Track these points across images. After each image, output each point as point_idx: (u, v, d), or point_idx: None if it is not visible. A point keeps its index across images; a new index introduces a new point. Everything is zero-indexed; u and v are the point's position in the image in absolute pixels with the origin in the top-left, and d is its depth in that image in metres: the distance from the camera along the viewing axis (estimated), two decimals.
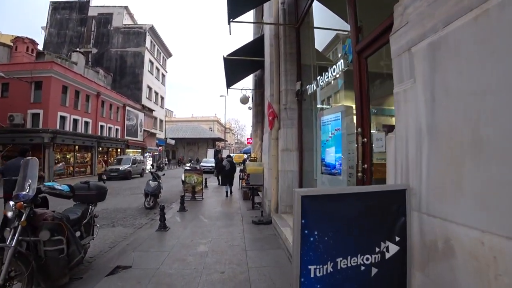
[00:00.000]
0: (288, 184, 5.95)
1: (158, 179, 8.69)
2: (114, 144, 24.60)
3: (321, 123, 5.54)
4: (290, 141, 6.06)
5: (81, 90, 20.16)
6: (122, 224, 6.29)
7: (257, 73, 12.85)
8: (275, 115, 6.28)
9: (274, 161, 6.19)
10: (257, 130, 12.45)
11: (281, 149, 6.04)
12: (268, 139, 6.67)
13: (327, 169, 5.25)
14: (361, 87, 3.37)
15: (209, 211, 7.31)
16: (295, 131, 6.12)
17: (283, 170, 5.95)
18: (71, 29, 35.53)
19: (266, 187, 6.76)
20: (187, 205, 8.15)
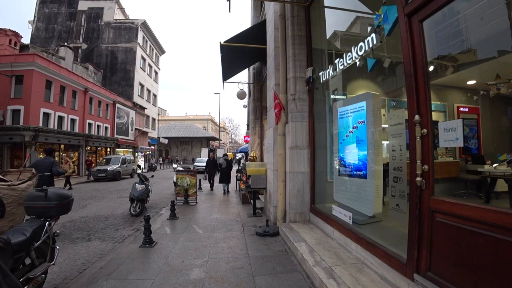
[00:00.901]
0: (298, 188, 5.03)
1: (145, 181, 7.69)
2: (103, 143, 23.38)
3: (339, 116, 4.64)
4: (300, 137, 5.14)
5: (67, 85, 18.94)
6: (100, 236, 5.29)
7: (256, 65, 11.91)
8: (282, 106, 5.35)
9: (281, 161, 5.27)
10: (256, 127, 11.52)
11: (289, 146, 5.11)
12: (272, 135, 5.74)
13: (347, 170, 4.36)
14: (415, 60, 2.45)
15: (204, 219, 6.35)
16: (306, 125, 5.21)
17: (292, 171, 5.02)
18: (60, 23, 34.28)
19: (271, 191, 5.83)
20: (179, 211, 7.18)
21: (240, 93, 11.81)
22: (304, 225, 4.85)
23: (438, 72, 2.95)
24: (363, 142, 4.01)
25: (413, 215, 2.39)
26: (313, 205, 5.04)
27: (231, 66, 10.34)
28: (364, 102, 3.99)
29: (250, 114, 12.57)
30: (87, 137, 20.75)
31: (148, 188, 7.97)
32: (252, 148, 11.41)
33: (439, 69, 2.91)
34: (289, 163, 5.04)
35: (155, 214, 7.30)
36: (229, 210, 7.33)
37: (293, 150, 5.05)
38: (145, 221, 4.50)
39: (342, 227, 3.84)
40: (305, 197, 5.06)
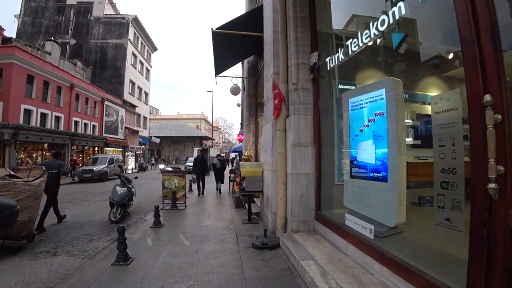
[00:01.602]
0: (301, 192, 4.32)
1: (128, 183, 6.89)
2: (90, 142, 22.34)
3: (350, 107, 3.93)
4: (304, 133, 4.43)
5: (51, 80, 17.90)
6: (69, 250, 4.49)
7: (250, 59, 11.18)
8: (282, 97, 4.63)
9: (281, 160, 4.55)
10: (250, 125, 10.78)
11: (291, 143, 4.39)
12: (271, 131, 5.01)
13: (361, 171, 3.66)
14: (476, 20, 1.76)
15: (193, 226, 5.59)
16: (310, 119, 4.50)
17: (295, 172, 4.30)
18: (47, 18, 33.09)
19: (269, 196, 5.11)
20: (165, 216, 6.42)
21: (233, 88, 11.06)
22: (309, 235, 4.14)
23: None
24: (381, 138, 3.33)
25: (477, 235, 1.69)
26: (319, 212, 4.34)
27: (224, 58, 9.58)
28: (383, 89, 3.31)
29: (244, 111, 11.82)
30: (73, 135, 19.72)
31: (132, 191, 7.17)
32: (246, 147, 10.67)
33: None
34: (291, 163, 4.32)
35: (139, 220, 6.52)
36: (221, 216, 6.58)
37: (295, 148, 4.34)
38: (119, 233, 3.72)
39: (359, 241, 3.14)
40: (309, 203, 4.35)
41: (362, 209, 3.47)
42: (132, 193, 7.17)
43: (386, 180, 3.20)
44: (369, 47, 3.89)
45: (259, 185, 5.59)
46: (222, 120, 76.07)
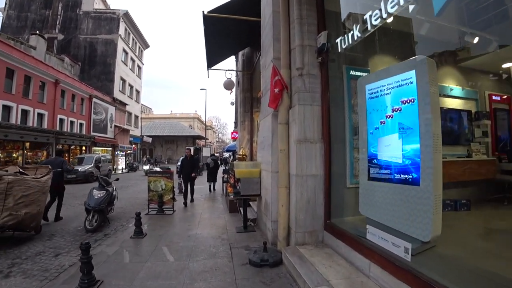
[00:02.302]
0: (308, 197, 3.61)
1: (107, 186, 6.10)
2: (77, 141, 21.28)
3: (368, 95, 3.23)
4: (310, 126, 3.73)
5: (34, 75, 16.84)
6: (27, 269, 3.69)
7: (245, 51, 10.45)
8: (285, 85, 3.92)
9: (283, 159, 3.84)
10: (245, 121, 10.06)
11: (295, 139, 3.69)
12: (270, 125, 4.30)
13: (382, 172, 2.98)
14: None
15: (180, 236, 4.85)
16: (318, 110, 3.81)
17: (300, 174, 3.60)
18: (34, 11, 31.75)
19: (268, 201, 4.39)
20: (150, 223, 5.67)
21: (227, 82, 10.31)
22: (318, 250, 3.44)
23: None
24: (411, 131, 2.66)
25: None
26: (329, 220, 3.64)
27: (217, 49, 8.84)
28: (412, 71, 2.65)
29: (239, 106, 11.09)
30: (58, 134, 18.67)
31: (113, 194, 6.39)
32: (241, 145, 9.94)
33: None
34: (296, 162, 3.61)
35: (119, 228, 5.74)
36: (213, 222, 5.85)
37: (300, 144, 3.63)
38: (83, 251, 2.96)
39: (388, 262, 2.45)
40: (317, 210, 3.65)
41: (385, 218, 2.81)
42: (113, 197, 6.37)
43: (417, 183, 2.54)
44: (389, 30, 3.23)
45: (256, 188, 4.87)
46: (216, 120, 75.07)
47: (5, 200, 4.22)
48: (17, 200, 4.33)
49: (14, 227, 4.42)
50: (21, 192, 4.42)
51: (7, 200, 4.24)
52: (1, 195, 4.19)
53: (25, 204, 4.43)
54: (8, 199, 4.23)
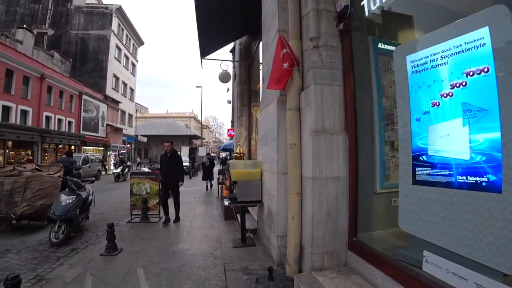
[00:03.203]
0: (328, 206, 2.70)
1: (79, 189, 5.14)
2: (65, 140, 20.17)
3: (411, 69, 2.23)
4: (331, 113, 2.82)
5: (16, 69, 15.76)
6: None
7: (243, 40, 9.53)
8: (295, 60, 3.00)
9: (294, 156, 2.92)
10: (242, 117, 9.14)
11: (311, 129, 2.77)
12: (275, 113, 3.38)
13: (437, 174, 2.01)
14: None
15: (163, 253, 3.92)
16: (340, 91, 2.89)
17: (318, 176, 2.68)
18: (23, 6, 30.58)
19: (272, 210, 3.47)
20: (129, 234, 4.76)
21: (223, 74, 9.37)
22: (342, 277, 2.53)
23: None
24: (485, 113, 1.77)
25: None
26: (355, 238, 2.73)
27: (212, 36, 7.90)
28: (485, 29, 1.75)
29: (235, 101, 10.16)
30: (44, 132, 17.58)
31: (89, 198, 5.47)
32: (238, 142, 9.00)
33: None
34: (312, 160, 2.69)
35: (93, 240, 4.80)
36: (205, 232, 4.92)
37: (318, 136, 2.72)
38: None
39: None
40: (339, 224, 2.75)
41: (440, 239, 1.92)
42: (88, 202, 5.43)
43: (498, 189, 1.65)
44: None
45: (257, 193, 3.95)
46: (213, 119, 73.95)
47: (24, 193, 4.95)
48: (34, 193, 5.00)
49: (31, 216, 5.09)
50: (37, 186, 5.12)
51: (26, 193, 4.96)
52: (21, 188, 4.93)
53: (41, 196, 5.07)
54: (26, 192, 4.94)
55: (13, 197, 4.91)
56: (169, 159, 5.83)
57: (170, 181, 5.74)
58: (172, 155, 5.92)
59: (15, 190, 4.94)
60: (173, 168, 5.75)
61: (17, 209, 4.82)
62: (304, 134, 2.86)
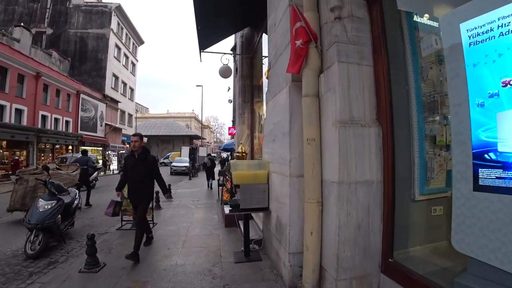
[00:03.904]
0: (358, 219, 2.10)
1: (60, 193, 4.56)
2: (62, 140, 19.63)
3: (468, 41, 1.68)
4: (359, 99, 2.22)
5: (10, 66, 15.23)
6: None
7: (244, 32, 8.93)
8: (312, 34, 2.40)
9: (312, 155, 2.32)
10: (244, 114, 8.54)
11: (335, 119, 2.16)
12: (286, 103, 2.77)
13: (510, 178, 1.51)
14: None
15: (152, 270, 3.32)
16: (369, 72, 2.29)
17: (346, 180, 2.07)
18: (22, 5, 30.21)
19: (283, 220, 2.86)
20: (117, 244, 4.17)
21: (223, 69, 8.77)
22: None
23: None
24: None
25: None
26: (391, 258, 2.13)
27: (211, 28, 7.31)
28: None
29: (237, 97, 9.56)
30: (40, 132, 17.04)
31: (74, 203, 4.90)
32: (239, 141, 8.39)
33: None
34: (338, 159, 2.09)
35: (76, 251, 4.23)
36: (203, 242, 4.31)
37: (346, 128, 2.12)
38: None
39: None
40: (372, 240, 2.15)
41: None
42: (73, 207, 4.85)
43: None
44: None
45: (263, 198, 3.34)
46: (214, 120, 73.34)
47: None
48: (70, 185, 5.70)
49: None
50: None
51: None
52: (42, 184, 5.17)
53: None
54: None
55: (36, 192, 5.66)
56: (138, 162, 3.91)
57: (136, 195, 3.90)
58: (142, 157, 3.93)
59: (37, 186, 5.67)
60: (142, 176, 3.89)
61: None
62: (326, 127, 2.26)
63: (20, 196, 5.66)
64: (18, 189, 5.71)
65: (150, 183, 4.00)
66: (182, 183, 14.33)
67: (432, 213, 2.49)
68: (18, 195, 5.66)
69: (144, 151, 4.00)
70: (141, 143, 4.02)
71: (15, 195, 5.68)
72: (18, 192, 5.69)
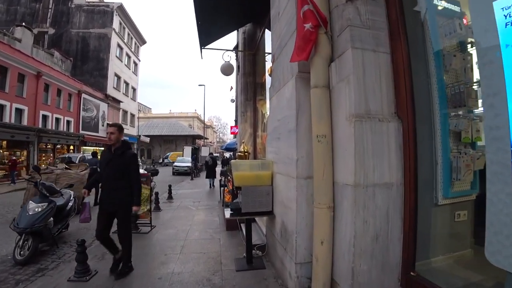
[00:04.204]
0: (376, 228, 1.83)
1: (52, 195, 4.33)
2: (63, 140, 19.50)
3: (505, 22, 1.42)
4: (376, 90, 1.94)
5: (11, 66, 15.09)
6: None
7: (247, 28, 8.67)
8: (322, 19, 2.13)
9: (323, 153, 2.05)
10: (247, 112, 8.28)
11: (350, 113, 1.89)
12: (291, 96, 2.51)
13: None
14: None
15: (147, 278, 3.08)
16: (387, 60, 2.01)
17: (362, 183, 1.80)
18: (24, 5, 30.24)
19: (289, 226, 2.59)
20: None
21: (225, 66, 8.52)
22: None
23: None
24: None
25: None
26: (413, 272, 1.86)
27: (211, 23, 7.05)
28: None
29: (239, 95, 9.30)
30: (40, 131, 16.91)
31: (68, 205, 4.69)
32: (242, 140, 8.14)
33: None
34: (354, 158, 1.82)
35: (69, 256, 3.99)
36: (202, 247, 4.06)
37: (362, 123, 1.85)
38: None
39: None
40: (390, 251, 1.88)
41: None
42: (67, 209, 4.63)
43: None
44: None
45: (266, 201, 3.08)
46: (216, 120, 73.12)
47: None
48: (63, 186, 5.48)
49: None
50: (65, 181, 6.15)
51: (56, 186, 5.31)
52: (53, 183, 5.64)
53: None
54: (57, 186, 5.36)
55: None
56: (113, 158, 3.15)
57: (112, 199, 3.11)
58: (119, 153, 3.15)
59: None
60: (117, 175, 3.12)
61: None
62: (338, 122, 2.00)
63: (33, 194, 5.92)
64: (30, 188, 6.05)
65: (127, 186, 3.14)
66: (184, 183, 14.11)
67: (456, 218, 2.22)
68: (30, 193, 6.02)
69: (122, 146, 3.20)
70: (120, 136, 3.22)
71: (28, 193, 6.09)
72: (30, 190, 6.05)
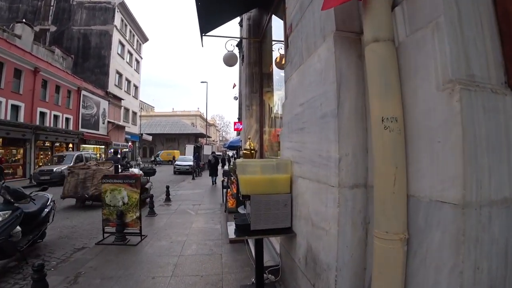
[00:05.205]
0: (491, 278, 1.02)
1: (18, 201, 3.59)
2: (62, 137, 18.87)
3: None
4: (479, 45, 1.12)
5: (7, 61, 14.48)
6: None
7: (252, 14, 7.88)
8: None
9: (396, 150, 1.24)
10: (252, 106, 7.48)
11: (445, 80, 1.08)
12: (324, 66, 1.73)
13: None
14: None
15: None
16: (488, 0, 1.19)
17: (471, 200, 1.01)
18: (25, 3, 30.06)
19: (321, 256, 1.79)
20: (90, 268, 3.17)
21: (228, 56, 7.72)
22: None
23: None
24: None
25: None
26: None
27: (212, 4, 6.28)
28: None
29: (244, 87, 8.50)
30: (37, 129, 16.29)
31: (44, 212, 3.94)
32: (247, 136, 7.34)
33: None
34: (456, 156, 1.05)
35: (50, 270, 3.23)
36: (200, 267, 3.30)
37: (471, 94, 1.05)
38: None
39: None
40: None
41: None
42: (41, 216, 3.90)
43: None
44: None
45: (284, 215, 2.30)
46: (219, 118, 72.47)
47: (92, 180, 7.27)
48: (98, 181, 6.61)
49: (96, 197, 6.96)
50: (100, 176, 6.70)
51: (93, 180, 7.21)
52: (90, 177, 7.32)
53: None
54: (93, 180, 7.17)
55: (85, 183, 7.27)
56: None
57: None
58: None
59: (86, 179, 7.29)
60: None
61: (89, 191, 7.16)
62: (418, 95, 1.21)
63: (73, 186, 7.23)
64: (71, 180, 7.30)
65: None
66: (185, 183, 13.37)
67: None
68: (71, 185, 7.23)
69: None
70: None
71: (68, 185, 7.27)
72: (71, 183, 7.28)
